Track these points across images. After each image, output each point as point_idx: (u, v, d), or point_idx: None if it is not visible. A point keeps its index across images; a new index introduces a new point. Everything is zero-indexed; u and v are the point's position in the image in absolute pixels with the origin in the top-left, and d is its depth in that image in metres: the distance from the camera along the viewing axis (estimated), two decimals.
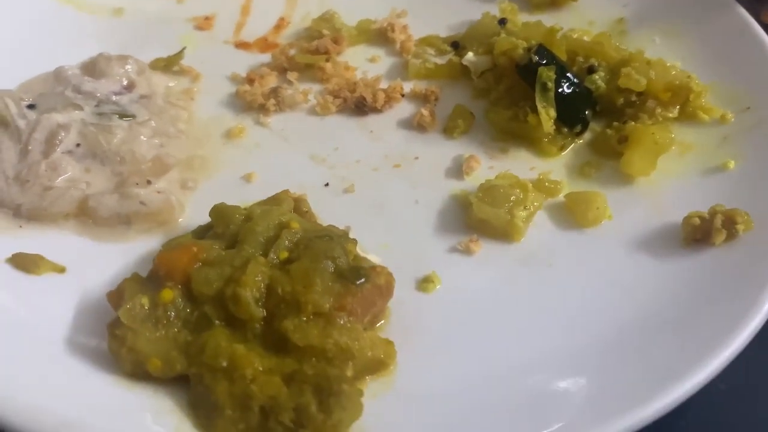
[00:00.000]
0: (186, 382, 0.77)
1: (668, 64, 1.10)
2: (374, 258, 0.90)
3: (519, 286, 0.90)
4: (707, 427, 0.87)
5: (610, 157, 1.05)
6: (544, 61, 1.06)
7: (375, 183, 1.04)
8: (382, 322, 0.85)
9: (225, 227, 0.88)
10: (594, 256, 0.93)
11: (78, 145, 1.03)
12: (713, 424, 0.87)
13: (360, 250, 0.90)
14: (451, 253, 0.94)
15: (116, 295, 0.82)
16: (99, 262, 0.91)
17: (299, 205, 0.96)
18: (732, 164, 1.00)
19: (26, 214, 0.96)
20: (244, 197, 0.96)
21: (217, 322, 0.78)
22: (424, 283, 0.91)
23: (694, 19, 1.19)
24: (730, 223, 0.89)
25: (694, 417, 0.86)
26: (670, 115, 1.08)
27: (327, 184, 1.03)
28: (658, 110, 1.07)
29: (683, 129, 1.07)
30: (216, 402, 0.72)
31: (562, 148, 1.07)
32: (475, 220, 0.96)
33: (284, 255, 0.83)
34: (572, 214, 0.98)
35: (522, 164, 1.05)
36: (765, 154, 1.00)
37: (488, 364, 0.81)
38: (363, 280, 0.81)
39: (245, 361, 0.74)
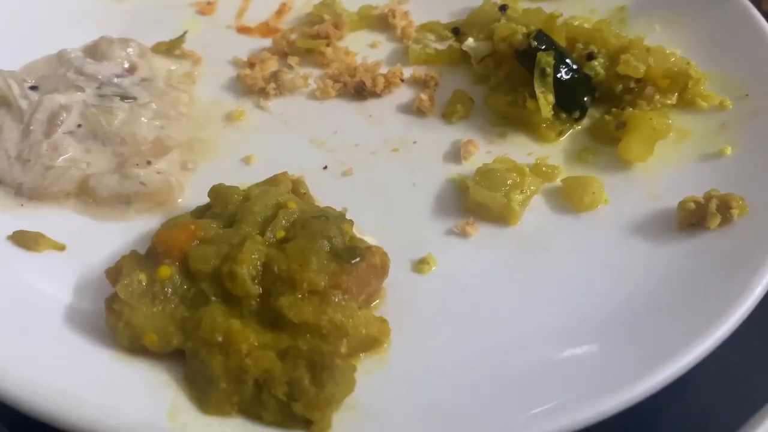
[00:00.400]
0: (182, 357, 0.78)
1: (667, 52, 1.10)
2: (370, 239, 0.91)
3: (514, 268, 0.91)
4: (700, 410, 0.87)
5: (607, 143, 1.05)
6: (543, 47, 1.06)
7: (373, 166, 1.04)
8: (377, 301, 0.86)
9: (223, 207, 0.89)
10: (589, 239, 0.93)
11: (79, 125, 1.04)
12: (706, 407, 0.87)
13: (357, 232, 0.91)
14: (448, 236, 0.95)
15: (114, 272, 0.83)
16: (98, 240, 0.92)
17: (297, 187, 0.96)
18: (729, 151, 1.00)
19: (27, 193, 0.97)
20: (243, 179, 0.96)
21: (213, 298, 0.79)
22: (420, 265, 0.91)
23: (694, 7, 1.19)
24: (725, 207, 0.89)
25: (687, 400, 0.87)
26: (669, 101, 1.08)
27: (325, 167, 1.04)
28: (657, 97, 1.07)
29: (681, 116, 1.07)
30: (211, 375, 0.73)
31: (561, 133, 1.07)
32: (472, 203, 0.97)
33: (281, 234, 0.84)
34: (569, 199, 0.98)
35: (520, 149, 1.05)
36: (762, 141, 1.00)
37: (481, 344, 0.82)
38: (358, 259, 0.82)
39: (240, 336, 0.75)
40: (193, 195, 0.98)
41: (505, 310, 0.86)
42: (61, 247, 0.92)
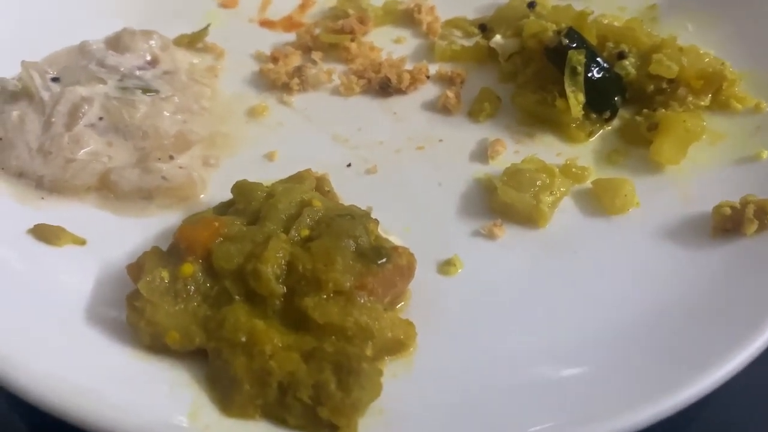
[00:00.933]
0: (204, 357, 0.76)
1: (701, 51, 1.07)
2: (395, 239, 0.89)
3: (542, 272, 0.88)
4: (727, 424, 0.85)
5: (639, 144, 1.02)
6: (574, 45, 1.04)
7: (398, 165, 1.02)
8: (403, 303, 0.84)
9: (246, 203, 0.87)
10: (620, 244, 0.91)
11: (101, 118, 1.02)
12: (733, 421, 0.85)
13: (381, 231, 0.89)
14: (474, 237, 0.93)
15: (136, 268, 0.81)
16: (119, 235, 0.91)
17: (321, 185, 0.95)
18: (766, 154, 0.98)
19: (48, 186, 0.96)
20: (265, 175, 0.95)
21: (237, 297, 0.77)
22: (446, 266, 0.89)
23: (728, 5, 1.16)
24: (762, 213, 0.87)
25: (714, 412, 0.84)
26: (702, 103, 1.05)
27: (349, 165, 1.02)
28: (690, 98, 1.05)
29: (715, 118, 1.04)
30: (234, 377, 0.72)
31: (590, 134, 1.05)
32: (500, 204, 0.95)
33: (305, 232, 0.82)
34: (599, 201, 0.96)
35: (549, 149, 1.03)
36: None
37: (509, 349, 0.80)
38: (384, 260, 0.80)
39: (264, 337, 0.73)
40: (215, 191, 0.97)
41: (533, 315, 0.84)
42: (82, 242, 0.90)
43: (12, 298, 0.81)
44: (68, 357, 0.75)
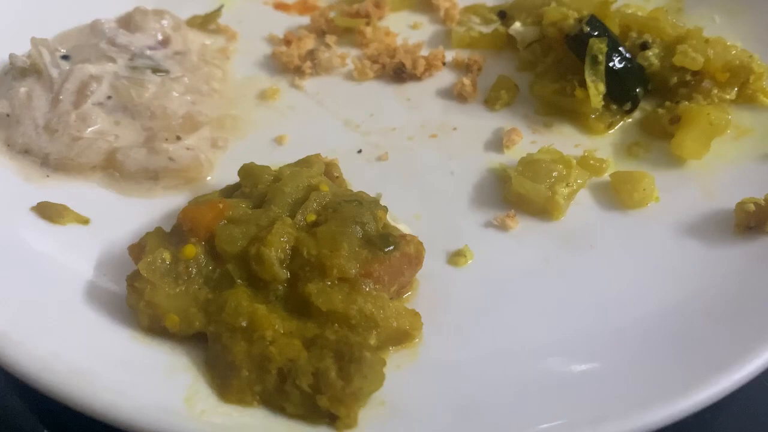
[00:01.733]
0: (203, 341, 0.74)
1: (728, 43, 1.03)
2: (404, 227, 0.87)
3: (556, 265, 0.86)
4: (748, 424, 0.82)
5: (660, 137, 0.99)
6: (596, 33, 1.01)
7: (410, 152, 1.00)
8: (409, 293, 0.82)
9: (253, 186, 0.85)
10: (638, 238, 0.88)
11: (109, 97, 1.01)
12: (755, 421, 0.82)
13: (390, 219, 0.86)
14: (486, 228, 0.90)
15: (137, 249, 0.79)
16: (123, 216, 0.90)
17: (330, 170, 0.92)
18: None
19: (53, 164, 0.95)
20: (274, 159, 0.93)
21: (239, 281, 0.75)
22: (456, 257, 0.87)
23: None
24: None
25: (736, 413, 0.81)
26: (727, 96, 1.02)
27: (360, 151, 1.00)
28: (715, 91, 1.01)
29: (740, 112, 1.01)
30: (233, 362, 0.70)
31: (610, 125, 1.02)
32: (514, 194, 0.92)
33: (312, 217, 0.80)
34: (617, 194, 0.93)
35: (566, 140, 1.00)
36: None
37: (518, 344, 0.77)
38: (392, 247, 0.78)
39: (266, 322, 0.71)
40: (222, 174, 0.95)
41: (545, 309, 0.81)
42: (85, 221, 0.89)
43: (11, 275, 0.80)
44: (65, 336, 0.74)
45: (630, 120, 1.03)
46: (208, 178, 0.96)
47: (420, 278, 0.82)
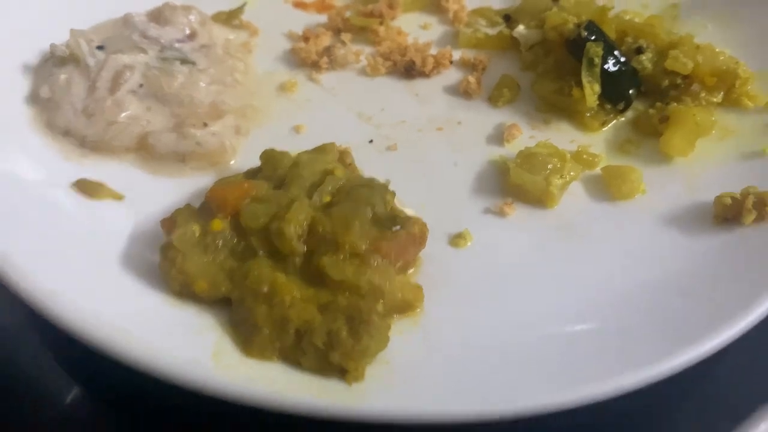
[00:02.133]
0: (228, 305, 0.82)
1: (717, 50, 1.11)
2: (410, 211, 0.94)
3: (548, 248, 0.93)
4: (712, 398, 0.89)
5: (650, 135, 1.07)
6: (593, 37, 1.08)
7: (417, 143, 1.07)
8: (413, 270, 0.89)
9: (273, 170, 0.93)
10: (625, 227, 0.95)
11: (141, 85, 1.09)
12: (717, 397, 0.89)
13: (397, 203, 0.94)
14: (485, 214, 0.98)
15: (169, 222, 0.88)
16: (154, 193, 0.97)
17: (343, 157, 1.00)
18: None
19: (90, 145, 1.03)
20: (292, 147, 1.00)
21: (260, 252, 0.83)
22: (457, 239, 0.94)
23: (748, 6, 1.19)
24: (761, 204, 0.91)
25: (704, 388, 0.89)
26: (714, 99, 1.09)
27: (371, 141, 1.08)
28: (702, 94, 1.09)
29: (726, 114, 1.08)
30: (255, 322, 0.78)
31: (604, 123, 1.09)
32: (512, 184, 1.00)
33: (327, 199, 0.88)
34: (607, 187, 1.00)
35: (563, 136, 1.08)
36: None
37: (510, 318, 0.85)
38: (398, 227, 0.86)
39: (285, 289, 0.79)
40: (244, 158, 1.03)
41: (536, 287, 0.88)
42: (120, 197, 0.97)
43: (58, 241, 0.88)
44: (106, 299, 0.82)
45: (623, 119, 1.10)
46: (232, 162, 1.03)
47: (423, 256, 0.90)
